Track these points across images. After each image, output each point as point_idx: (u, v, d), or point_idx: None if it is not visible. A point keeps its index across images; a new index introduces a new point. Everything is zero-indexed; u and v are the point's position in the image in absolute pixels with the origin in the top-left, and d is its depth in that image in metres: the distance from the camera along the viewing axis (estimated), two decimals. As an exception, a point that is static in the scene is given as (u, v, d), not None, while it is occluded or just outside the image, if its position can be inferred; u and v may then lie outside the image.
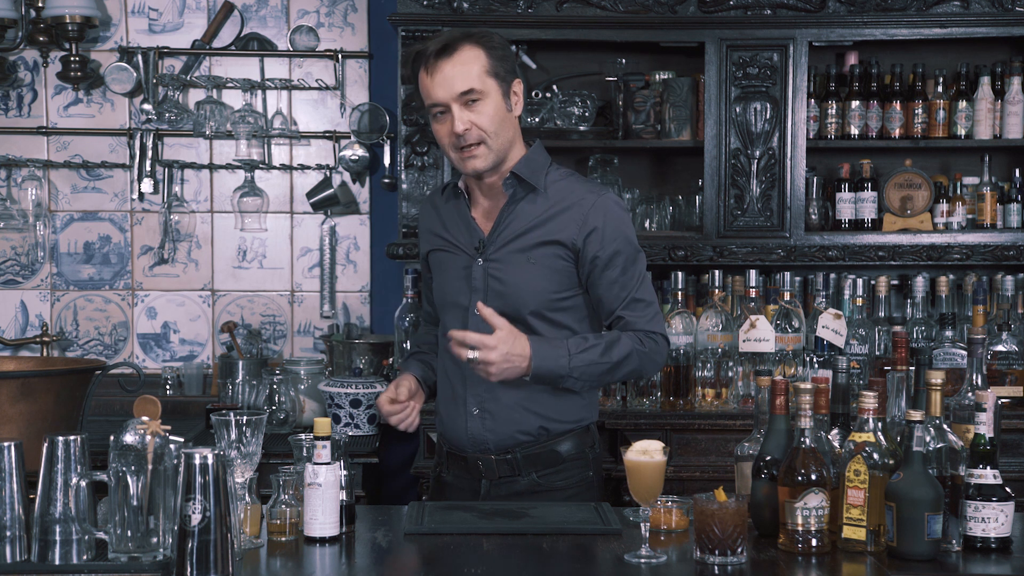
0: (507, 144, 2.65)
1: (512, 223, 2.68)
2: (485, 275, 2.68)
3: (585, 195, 2.67)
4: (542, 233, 2.65)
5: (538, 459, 2.68)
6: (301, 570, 2.19)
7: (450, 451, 2.77)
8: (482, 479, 2.70)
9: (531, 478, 2.68)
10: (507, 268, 2.66)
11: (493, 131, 2.61)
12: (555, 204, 2.67)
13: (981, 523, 2.24)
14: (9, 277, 4.37)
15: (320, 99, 4.38)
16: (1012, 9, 3.90)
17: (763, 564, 2.19)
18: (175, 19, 4.35)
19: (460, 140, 2.59)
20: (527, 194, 2.68)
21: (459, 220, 2.75)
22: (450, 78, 2.57)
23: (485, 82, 2.59)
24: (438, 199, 2.85)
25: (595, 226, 2.64)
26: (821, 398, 2.35)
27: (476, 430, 2.69)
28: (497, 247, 2.68)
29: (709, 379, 3.77)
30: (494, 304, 2.62)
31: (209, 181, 4.39)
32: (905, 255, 3.98)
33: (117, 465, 2.11)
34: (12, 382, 2.69)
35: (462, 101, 2.58)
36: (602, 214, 2.65)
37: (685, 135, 4.04)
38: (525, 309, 2.64)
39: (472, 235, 2.72)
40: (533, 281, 2.65)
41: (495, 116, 2.60)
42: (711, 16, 3.91)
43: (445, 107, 2.59)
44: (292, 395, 3.98)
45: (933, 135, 4.06)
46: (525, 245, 2.66)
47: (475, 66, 2.58)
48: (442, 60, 2.57)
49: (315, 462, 2.27)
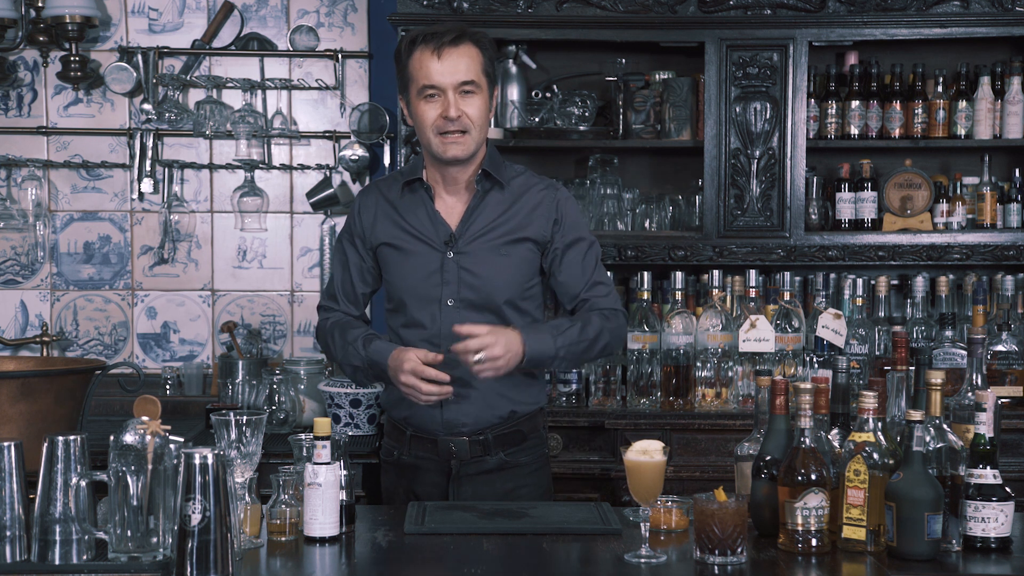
0: (482, 140, 2.81)
1: (479, 218, 2.81)
2: (457, 268, 2.78)
3: (544, 190, 2.86)
4: (511, 228, 2.81)
5: (506, 438, 2.82)
6: (301, 570, 2.19)
7: (416, 435, 2.84)
8: (451, 459, 2.80)
9: (499, 456, 2.82)
10: (478, 261, 2.79)
11: (478, 125, 2.76)
12: (517, 199, 2.83)
13: (981, 523, 2.24)
14: (9, 277, 4.37)
15: (320, 99, 4.38)
16: (1012, 9, 3.90)
17: (763, 564, 2.19)
18: (175, 19, 4.35)
19: (448, 124, 2.72)
20: (492, 189, 2.83)
21: (422, 213, 2.83)
22: (456, 66, 2.71)
23: (481, 78, 2.75)
24: (388, 191, 2.89)
25: (558, 218, 2.83)
26: (821, 398, 2.35)
27: (452, 415, 2.79)
28: (467, 241, 2.79)
29: (709, 379, 3.77)
30: (467, 296, 2.77)
31: (209, 181, 4.39)
32: (905, 255, 3.98)
33: (117, 465, 2.11)
34: (12, 382, 2.69)
35: (460, 90, 2.72)
36: (564, 207, 2.85)
37: (685, 135, 4.04)
38: (499, 299, 2.79)
39: (439, 229, 2.81)
40: (505, 273, 2.80)
41: (482, 111, 2.76)
42: (711, 16, 3.91)
43: (440, 91, 2.71)
44: (292, 395, 3.98)
45: (933, 135, 4.06)
46: (495, 239, 2.80)
47: (477, 61, 2.75)
48: (452, 47, 2.71)
49: (315, 462, 2.28)
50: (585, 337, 2.77)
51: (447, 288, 2.78)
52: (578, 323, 2.78)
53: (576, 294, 2.85)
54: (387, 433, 2.96)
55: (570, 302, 2.87)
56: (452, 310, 2.76)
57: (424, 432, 2.83)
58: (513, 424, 2.83)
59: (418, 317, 2.80)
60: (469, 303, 2.77)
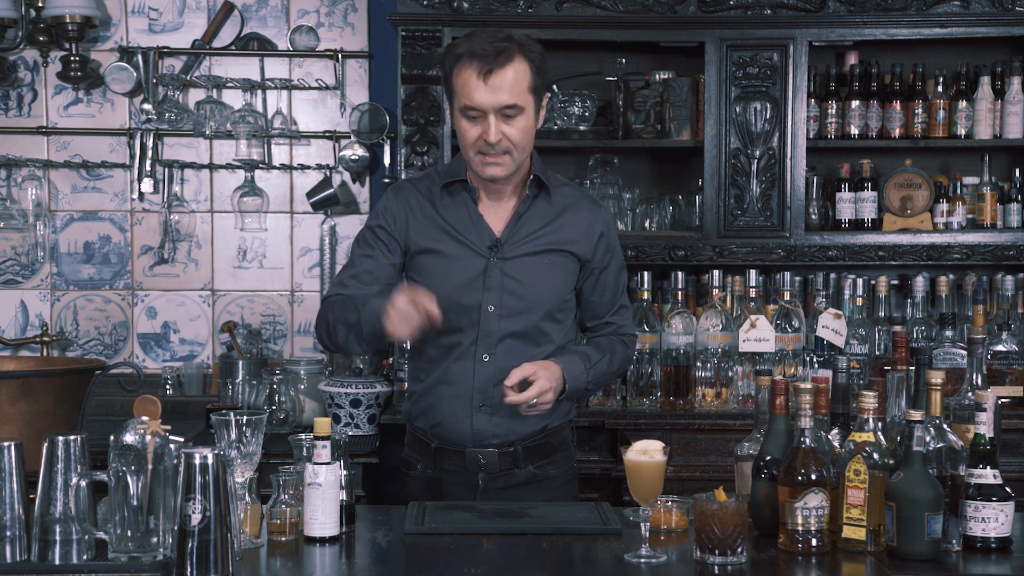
0: (527, 156, 2.70)
1: (526, 224, 2.73)
2: (501, 275, 2.70)
3: (588, 205, 2.80)
4: (558, 239, 2.74)
5: (536, 451, 2.76)
6: (301, 570, 2.19)
7: (441, 447, 2.76)
8: (480, 472, 2.73)
9: (528, 469, 2.75)
10: (523, 269, 2.71)
11: (521, 145, 2.65)
12: (563, 210, 2.76)
13: (981, 523, 2.24)
14: (9, 277, 4.37)
15: (320, 99, 4.38)
16: (1012, 9, 3.90)
17: (763, 564, 2.19)
18: (175, 19, 4.35)
19: (488, 148, 2.61)
20: (539, 195, 2.75)
21: (464, 216, 2.72)
22: (499, 89, 2.58)
23: (526, 98, 2.62)
24: (426, 191, 2.77)
25: (602, 236, 2.78)
26: (821, 398, 2.35)
27: (483, 425, 2.71)
28: (512, 247, 2.71)
29: (709, 379, 3.77)
30: (509, 303, 2.69)
31: (209, 181, 4.39)
32: (905, 255, 3.98)
33: (117, 465, 2.11)
34: (12, 382, 2.69)
35: (501, 113, 2.60)
36: (609, 229, 2.81)
37: (685, 135, 4.04)
38: (540, 309, 2.71)
39: (483, 234, 2.71)
40: (548, 282, 2.73)
41: (526, 131, 2.64)
42: (711, 16, 3.91)
43: (482, 113, 2.60)
44: (292, 395, 3.98)
45: (933, 135, 4.06)
46: (540, 247, 2.72)
47: (522, 82, 2.61)
48: (495, 68, 2.57)
49: (315, 462, 2.27)
50: (611, 371, 2.82)
51: (488, 294, 2.68)
52: (607, 356, 2.78)
53: (602, 315, 2.84)
54: (408, 444, 2.86)
55: (592, 321, 2.85)
56: (492, 316, 2.68)
57: (450, 444, 2.74)
58: (543, 436, 2.76)
59: (454, 323, 2.67)
60: (510, 311, 2.69)
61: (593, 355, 2.75)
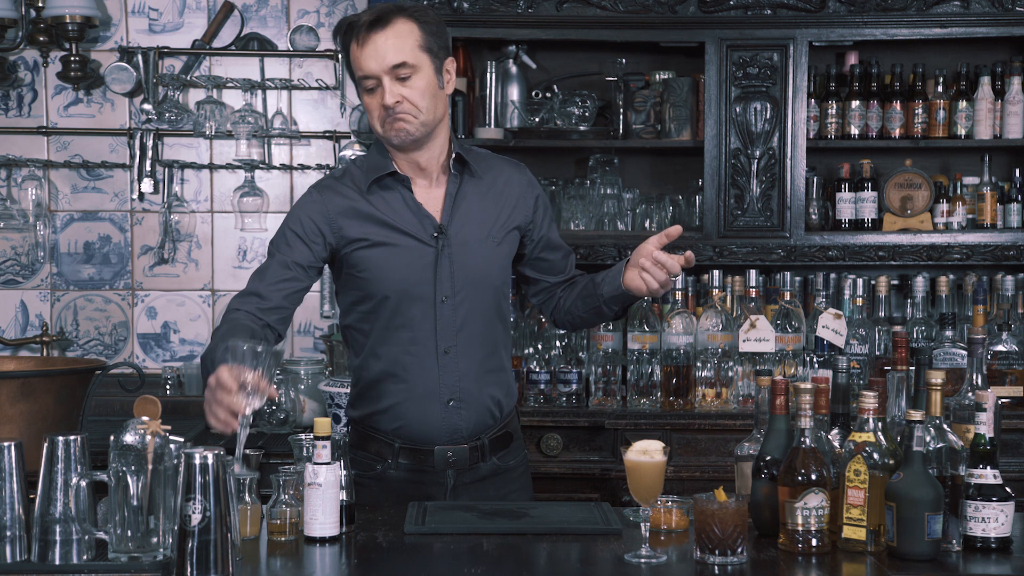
0: (436, 120, 2.62)
1: (463, 205, 2.68)
2: (451, 263, 2.65)
3: (514, 171, 2.78)
4: (499, 216, 2.71)
5: (499, 442, 2.75)
6: (301, 570, 2.19)
7: (405, 446, 2.67)
8: (448, 469, 2.68)
9: (492, 462, 2.73)
10: (471, 252, 2.66)
11: (424, 106, 2.58)
12: (494, 183, 2.73)
13: (981, 523, 2.24)
14: (9, 277, 4.37)
15: (320, 99, 4.38)
16: (1012, 9, 3.90)
17: (763, 564, 2.19)
18: (175, 19, 4.35)
19: (389, 113, 2.57)
20: (465, 173, 2.70)
21: (401, 207, 2.64)
22: (382, 50, 2.54)
23: (418, 56, 2.57)
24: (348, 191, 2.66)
25: (538, 198, 2.79)
26: (821, 398, 2.35)
27: (453, 420, 2.67)
28: (457, 231, 2.66)
29: (709, 379, 3.77)
30: (462, 289, 2.65)
31: (209, 181, 4.39)
32: (905, 255, 3.98)
33: (117, 465, 2.11)
34: (12, 382, 2.69)
35: (393, 74, 2.55)
36: (534, 185, 2.80)
37: (685, 135, 4.04)
38: (490, 289, 2.70)
39: (424, 222, 2.64)
40: (496, 261, 2.72)
41: (426, 90, 2.58)
42: (711, 16, 3.91)
43: (376, 79, 2.56)
44: (292, 395, 3.98)
45: (933, 135, 4.06)
46: (484, 227, 2.69)
47: (408, 40, 2.56)
48: (374, 32, 2.54)
49: (315, 462, 2.27)
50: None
51: (441, 284, 2.63)
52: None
53: (563, 269, 2.85)
54: (358, 445, 2.71)
55: (558, 276, 2.86)
56: (449, 307, 2.63)
57: (418, 443, 2.67)
58: (502, 426, 2.75)
59: (407, 316, 2.63)
60: (465, 297, 2.64)
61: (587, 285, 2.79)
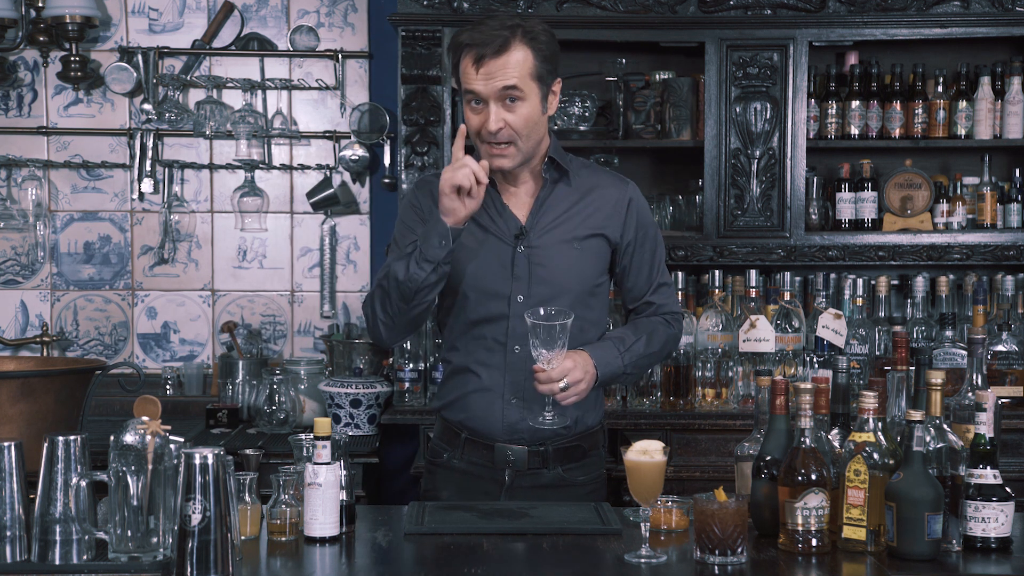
0: (535, 145, 2.66)
1: (549, 210, 2.70)
2: (528, 263, 2.66)
3: (613, 182, 2.76)
4: (583, 222, 2.69)
5: (566, 453, 2.71)
6: (301, 570, 2.19)
7: (471, 438, 2.71)
8: (507, 469, 2.68)
9: (557, 472, 2.70)
10: (550, 255, 2.67)
11: (525, 133, 2.61)
12: (588, 192, 2.72)
13: (981, 523, 2.24)
14: (9, 277, 4.37)
15: (320, 99, 4.38)
16: (1012, 9, 3.90)
17: (763, 564, 2.19)
18: (175, 19, 4.35)
19: (491, 136, 2.59)
20: (560, 179, 2.71)
21: (490, 207, 2.68)
22: (495, 74, 2.56)
23: (527, 84, 2.59)
24: None
25: (631, 213, 2.73)
26: (821, 398, 2.35)
27: (514, 419, 2.67)
28: (539, 234, 2.68)
29: (709, 379, 3.77)
30: (538, 291, 2.65)
31: (209, 181, 4.39)
32: (905, 255, 3.98)
33: (117, 465, 2.11)
34: (12, 382, 2.69)
35: (501, 98, 2.57)
36: (637, 206, 2.75)
37: (685, 135, 4.04)
38: (568, 295, 2.66)
39: (508, 222, 2.68)
40: (576, 267, 2.69)
41: (530, 118, 2.60)
42: (711, 16, 3.91)
43: (484, 101, 2.58)
44: (292, 395, 3.98)
45: (933, 135, 4.06)
46: (567, 232, 2.69)
47: (522, 68, 2.58)
48: (491, 56, 2.56)
49: (315, 462, 2.27)
50: (651, 352, 2.73)
51: (517, 283, 2.65)
52: (643, 336, 2.71)
53: (641, 295, 2.78)
54: (437, 434, 2.80)
55: (632, 303, 2.80)
56: (521, 306, 2.62)
57: (481, 436, 2.69)
58: (574, 438, 2.71)
59: (484, 314, 2.66)
60: (540, 299, 2.61)
61: (628, 337, 2.70)
